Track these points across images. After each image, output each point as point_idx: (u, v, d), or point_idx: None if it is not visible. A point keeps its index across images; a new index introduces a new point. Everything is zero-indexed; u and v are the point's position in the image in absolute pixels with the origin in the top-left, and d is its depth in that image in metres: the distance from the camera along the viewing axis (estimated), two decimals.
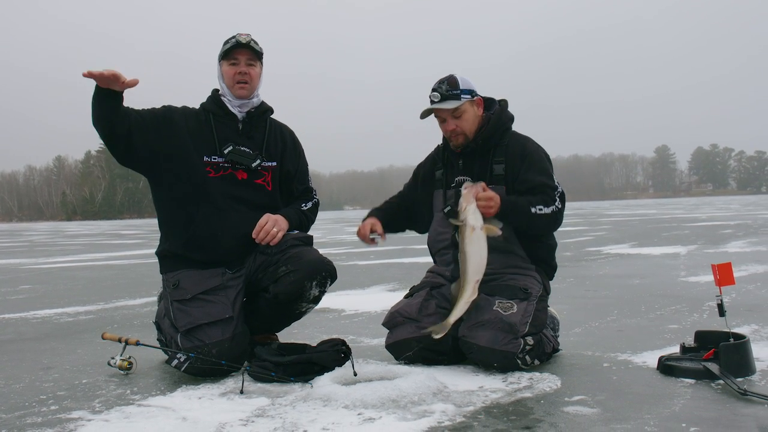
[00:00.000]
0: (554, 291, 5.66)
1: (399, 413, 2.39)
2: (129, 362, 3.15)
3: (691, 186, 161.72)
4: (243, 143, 3.29)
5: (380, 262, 9.53)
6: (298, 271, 3.13)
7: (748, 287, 5.58)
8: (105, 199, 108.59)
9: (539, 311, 3.10)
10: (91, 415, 2.52)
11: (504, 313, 2.98)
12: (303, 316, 3.36)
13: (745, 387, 2.49)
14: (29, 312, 5.56)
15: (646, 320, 4.25)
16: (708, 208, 35.99)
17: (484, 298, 3.06)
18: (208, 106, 3.36)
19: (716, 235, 13.09)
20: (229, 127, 3.31)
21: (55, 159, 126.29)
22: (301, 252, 3.21)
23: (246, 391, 2.75)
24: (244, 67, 3.26)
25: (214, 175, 3.23)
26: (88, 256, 13.58)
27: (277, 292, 3.16)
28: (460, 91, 3.22)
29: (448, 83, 3.22)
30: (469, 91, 3.25)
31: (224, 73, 3.29)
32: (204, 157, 3.24)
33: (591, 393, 2.61)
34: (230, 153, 3.23)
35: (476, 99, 3.29)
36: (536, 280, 3.20)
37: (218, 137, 3.27)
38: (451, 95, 3.20)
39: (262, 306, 3.25)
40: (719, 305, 2.93)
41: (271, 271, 3.19)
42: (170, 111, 3.32)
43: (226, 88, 3.31)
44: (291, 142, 3.50)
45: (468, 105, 3.24)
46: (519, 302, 3.04)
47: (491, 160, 3.27)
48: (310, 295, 3.20)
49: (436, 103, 3.22)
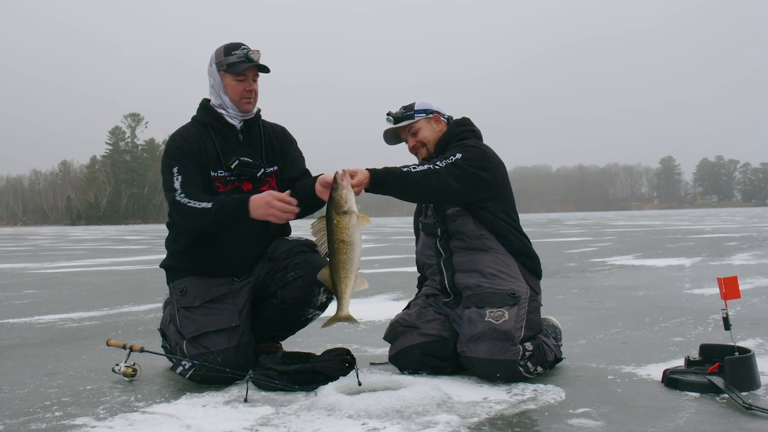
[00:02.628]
0: (559, 302, 5.68)
1: (403, 424, 2.39)
2: (133, 369, 3.16)
3: (695, 197, 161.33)
4: (245, 153, 3.27)
5: (384, 271, 9.52)
6: (306, 276, 3.14)
7: (753, 300, 5.56)
8: (110, 204, 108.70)
9: (531, 313, 3.10)
10: (95, 421, 2.53)
11: (497, 322, 2.99)
12: (308, 324, 3.36)
13: (749, 401, 2.49)
14: (33, 317, 5.58)
15: (651, 332, 4.24)
16: (713, 220, 35.90)
17: (475, 310, 3.07)
18: (204, 120, 3.29)
19: (721, 248, 13.05)
20: (230, 139, 3.28)
21: (60, 163, 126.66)
22: (309, 258, 3.22)
23: (250, 400, 2.75)
24: (252, 84, 3.24)
25: (223, 190, 3.21)
26: (92, 262, 13.61)
27: (285, 297, 3.17)
28: (414, 111, 3.41)
29: (405, 107, 3.44)
30: (424, 110, 3.42)
31: (229, 87, 3.22)
32: (211, 173, 3.21)
33: (595, 405, 2.60)
34: (237, 167, 3.21)
35: (432, 116, 3.42)
36: (521, 281, 3.18)
37: (222, 151, 3.24)
38: (405, 116, 3.41)
39: (268, 311, 3.26)
40: (724, 319, 2.92)
41: (280, 277, 3.20)
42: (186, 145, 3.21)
43: (229, 100, 3.24)
44: (285, 139, 3.47)
45: (423, 122, 3.41)
46: (509, 308, 3.04)
47: None
48: (317, 301, 3.22)
49: (390, 124, 3.43)
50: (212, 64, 3.26)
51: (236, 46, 3.22)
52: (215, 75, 3.25)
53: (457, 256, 3.24)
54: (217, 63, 3.24)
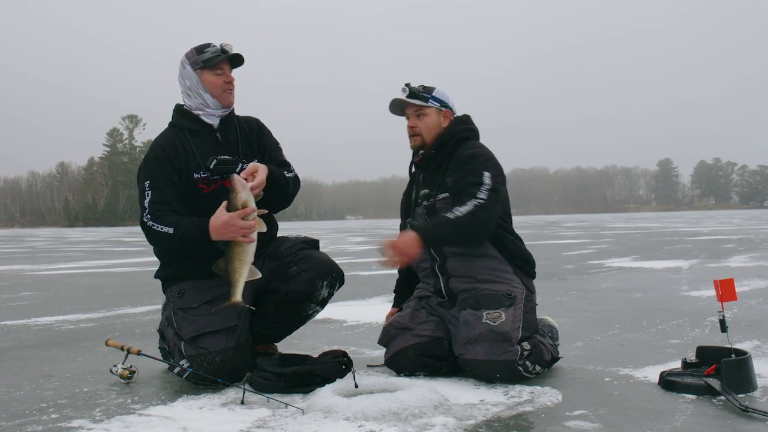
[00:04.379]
0: (556, 304, 5.68)
1: (400, 426, 2.39)
2: (131, 371, 3.15)
3: (693, 200, 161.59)
4: (224, 152, 3.26)
5: (382, 273, 9.52)
6: (309, 270, 3.18)
7: (750, 302, 5.57)
8: (107, 206, 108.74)
9: (527, 313, 3.10)
10: (91, 424, 2.52)
11: (494, 324, 2.99)
12: (307, 321, 3.37)
13: (746, 403, 2.49)
14: (30, 319, 5.56)
15: (648, 335, 4.24)
16: (710, 222, 35.96)
17: (471, 312, 3.07)
18: (181, 123, 3.29)
19: (718, 250, 13.07)
20: (208, 139, 3.26)
21: (58, 165, 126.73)
22: (312, 254, 3.26)
23: (247, 402, 2.75)
24: (231, 76, 3.27)
25: (207, 191, 3.21)
26: (90, 263, 13.60)
27: (289, 291, 3.18)
28: (431, 96, 3.29)
29: (425, 86, 3.31)
30: (440, 100, 3.31)
31: (209, 83, 3.21)
32: (194, 175, 3.21)
33: (592, 407, 2.60)
34: (215, 165, 3.21)
35: (444, 110, 3.32)
36: (516, 282, 3.17)
37: (200, 152, 3.23)
38: (420, 96, 3.28)
39: (268, 308, 3.25)
40: (721, 321, 2.93)
41: (281, 272, 3.21)
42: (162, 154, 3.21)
43: (210, 97, 3.23)
44: (260, 132, 3.44)
45: (434, 111, 3.30)
46: (506, 309, 3.04)
47: (444, 172, 3.26)
48: (319, 296, 3.23)
49: (404, 95, 3.28)
50: (185, 66, 3.25)
51: (207, 45, 3.26)
52: (191, 75, 3.24)
53: (451, 261, 3.23)
54: (192, 63, 3.23)
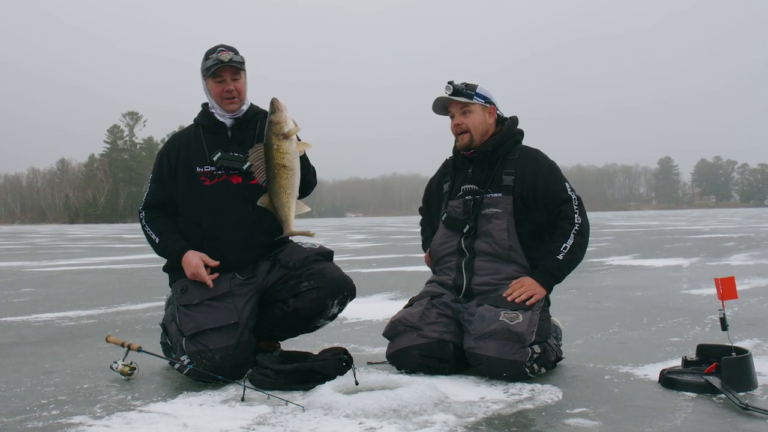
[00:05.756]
0: (556, 302, 5.68)
1: (400, 423, 2.39)
2: (131, 367, 3.16)
3: (694, 198, 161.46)
4: (233, 149, 3.33)
5: (382, 271, 9.53)
6: (321, 288, 3.18)
7: (751, 301, 5.57)
8: (108, 203, 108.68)
9: (543, 320, 3.13)
10: (92, 420, 2.52)
11: (511, 323, 3.01)
12: (315, 330, 3.42)
13: (746, 401, 2.49)
14: (31, 315, 5.57)
15: (648, 333, 4.24)
16: (711, 221, 35.94)
17: (490, 309, 3.09)
18: (199, 120, 3.45)
19: (719, 248, 13.07)
20: (218, 136, 3.37)
21: (58, 162, 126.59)
22: (324, 269, 3.24)
23: (247, 399, 2.75)
24: (230, 85, 3.30)
25: (209, 183, 3.30)
26: (90, 260, 13.60)
27: (298, 308, 3.20)
28: (475, 93, 3.31)
29: (467, 84, 3.33)
30: (484, 97, 3.33)
31: (211, 90, 3.33)
32: (197, 168, 3.31)
33: (592, 405, 2.60)
34: (219, 159, 3.29)
35: (489, 107, 3.35)
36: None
37: (208, 147, 3.33)
38: (465, 93, 3.30)
39: (277, 315, 3.27)
40: (722, 319, 2.93)
41: (292, 285, 3.22)
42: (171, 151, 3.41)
43: (214, 102, 3.36)
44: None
45: (479, 107, 3.32)
46: (524, 312, 3.07)
47: (501, 170, 3.32)
48: (329, 313, 3.27)
49: (448, 92, 3.30)
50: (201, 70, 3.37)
51: (213, 50, 3.32)
52: (202, 80, 3.38)
53: (479, 260, 3.27)
54: (201, 69, 3.35)
